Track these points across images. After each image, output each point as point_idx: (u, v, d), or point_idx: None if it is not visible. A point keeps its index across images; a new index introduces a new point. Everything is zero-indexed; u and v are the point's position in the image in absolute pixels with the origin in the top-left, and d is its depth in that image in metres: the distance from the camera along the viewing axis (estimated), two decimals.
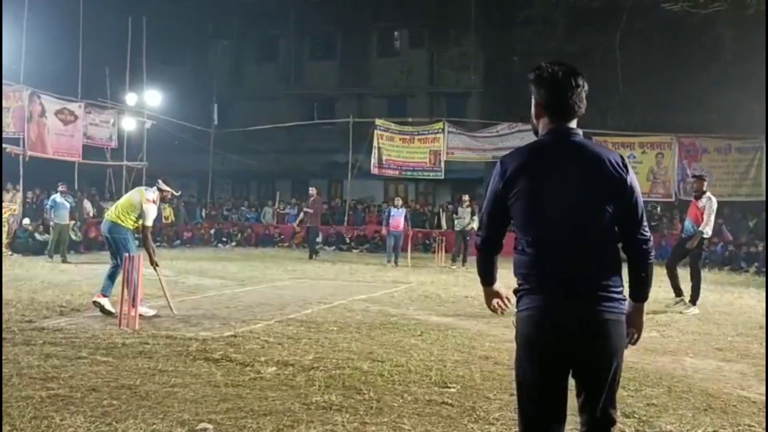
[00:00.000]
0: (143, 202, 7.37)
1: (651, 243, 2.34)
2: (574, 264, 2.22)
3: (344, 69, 29.28)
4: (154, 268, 7.36)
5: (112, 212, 7.57)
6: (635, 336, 2.43)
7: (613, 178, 2.24)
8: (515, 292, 2.35)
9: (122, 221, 7.37)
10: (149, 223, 7.42)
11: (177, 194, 8.10)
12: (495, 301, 2.59)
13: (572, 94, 2.31)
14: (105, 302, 7.11)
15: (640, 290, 2.38)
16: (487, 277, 2.55)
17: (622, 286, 2.29)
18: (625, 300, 2.30)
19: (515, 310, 2.34)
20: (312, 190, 17.67)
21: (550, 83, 2.33)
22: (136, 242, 7.63)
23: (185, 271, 12.21)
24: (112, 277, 7.24)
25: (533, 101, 2.39)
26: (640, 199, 2.32)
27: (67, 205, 15.21)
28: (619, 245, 2.33)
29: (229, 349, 5.52)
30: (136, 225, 7.44)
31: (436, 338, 6.33)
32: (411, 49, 28.79)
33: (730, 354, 6.10)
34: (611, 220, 2.25)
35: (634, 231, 2.30)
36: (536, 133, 2.42)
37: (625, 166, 2.29)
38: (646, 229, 2.33)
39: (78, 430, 3.51)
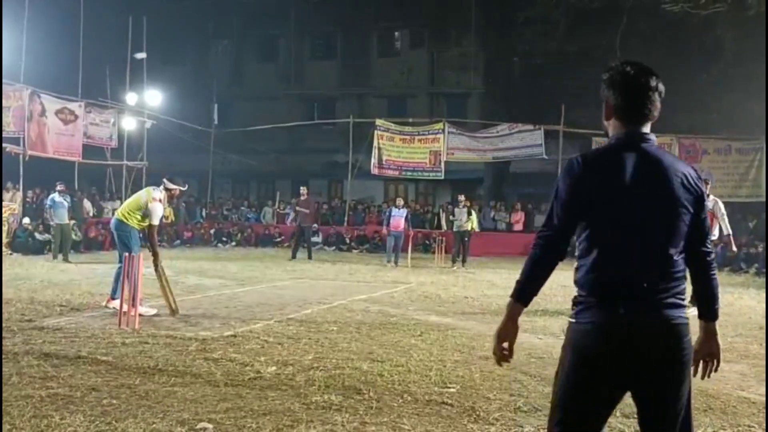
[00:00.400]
0: (149, 201, 7.41)
1: (713, 255, 2.30)
2: (645, 273, 2.13)
3: (344, 69, 29.30)
4: (156, 269, 7.34)
5: (119, 210, 7.74)
6: (714, 363, 2.28)
7: (690, 192, 2.19)
8: (575, 302, 2.20)
9: (127, 219, 7.45)
10: (155, 221, 7.47)
11: (184, 189, 8.08)
12: (504, 345, 2.23)
13: (644, 97, 2.23)
14: (117, 305, 7.12)
15: (710, 306, 2.29)
16: (532, 288, 2.24)
17: (685, 297, 2.21)
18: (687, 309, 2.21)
19: (571, 319, 2.20)
20: (303, 190, 17.44)
21: (621, 84, 2.25)
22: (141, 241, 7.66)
23: (185, 271, 12.20)
24: (118, 278, 7.24)
25: (604, 102, 2.30)
26: (707, 213, 2.28)
27: (66, 204, 15.17)
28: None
29: (228, 349, 5.52)
30: (141, 224, 7.49)
31: (436, 338, 6.33)
32: (411, 50, 28.82)
33: (729, 355, 6.09)
34: (683, 232, 2.19)
35: (700, 244, 2.25)
36: (607, 135, 2.33)
37: (700, 179, 2.25)
38: (710, 242, 2.29)
39: (77, 429, 3.51)
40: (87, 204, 19.72)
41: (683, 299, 2.17)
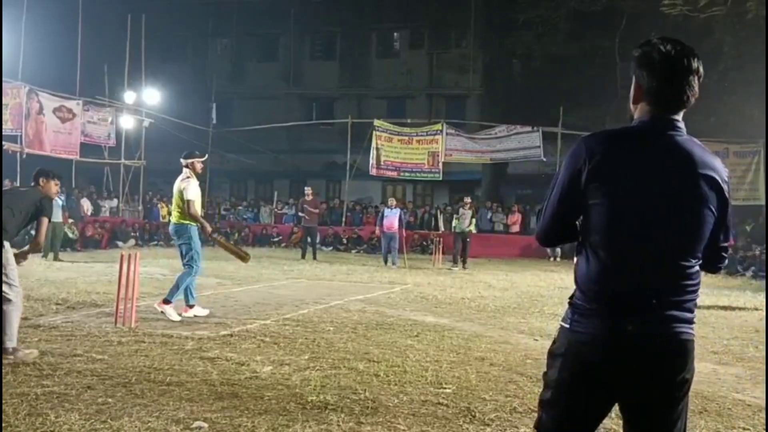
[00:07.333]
0: (181, 187, 7.17)
1: (726, 262, 2.12)
2: (658, 284, 1.89)
3: (344, 69, 29.33)
4: (210, 238, 7.61)
5: (172, 216, 7.45)
6: None
7: (719, 192, 1.94)
8: (573, 306, 1.97)
9: (180, 219, 7.21)
10: (190, 196, 7.11)
11: (204, 158, 7.81)
12: None
13: (683, 81, 1.93)
14: (197, 311, 7.14)
15: None
16: None
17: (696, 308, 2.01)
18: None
19: (566, 324, 1.99)
20: (308, 190, 17.32)
21: (658, 64, 1.93)
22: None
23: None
24: (185, 286, 7.17)
25: (633, 82, 2.01)
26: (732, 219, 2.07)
27: (60, 203, 14.95)
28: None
29: (224, 348, 5.51)
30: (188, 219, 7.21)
31: (432, 339, 6.33)
32: (411, 51, 28.86)
33: (725, 357, 6.11)
34: (704, 238, 1.94)
35: (719, 250, 2.02)
36: (631, 119, 2.04)
37: (729, 179, 2.01)
38: (727, 252, 2.07)
39: (73, 427, 3.50)
40: (85, 202, 19.68)
41: (694, 313, 1.96)
